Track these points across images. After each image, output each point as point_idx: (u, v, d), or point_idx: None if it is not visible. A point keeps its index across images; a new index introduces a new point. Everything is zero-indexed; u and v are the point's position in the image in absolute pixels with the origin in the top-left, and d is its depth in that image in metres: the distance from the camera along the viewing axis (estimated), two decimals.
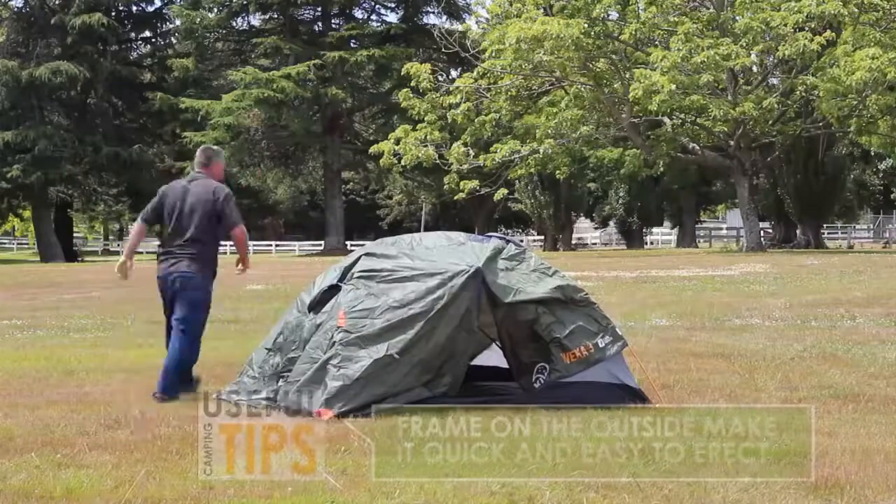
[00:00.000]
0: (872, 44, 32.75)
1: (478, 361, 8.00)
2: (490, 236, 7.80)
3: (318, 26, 54.34)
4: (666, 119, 36.46)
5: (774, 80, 38.85)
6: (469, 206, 52.65)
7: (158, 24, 56.56)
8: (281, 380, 7.62)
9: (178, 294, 8.05)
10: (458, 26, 48.43)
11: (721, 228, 68.55)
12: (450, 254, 7.53)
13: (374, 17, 55.45)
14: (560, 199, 53.91)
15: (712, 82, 34.15)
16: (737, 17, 34.72)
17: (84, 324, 15.08)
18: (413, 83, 37.12)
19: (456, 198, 39.78)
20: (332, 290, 7.71)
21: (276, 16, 54.42)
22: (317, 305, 7.71)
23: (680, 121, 37.61)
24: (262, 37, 51.76)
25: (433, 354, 7.05)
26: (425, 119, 37.53)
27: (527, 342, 7.36)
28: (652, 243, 65.08)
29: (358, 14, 55.18)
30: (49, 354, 11.15)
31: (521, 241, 9.00)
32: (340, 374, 7.01)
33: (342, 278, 7.68)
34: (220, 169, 8.56)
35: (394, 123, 43.71)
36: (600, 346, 7.24)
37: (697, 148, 38.22)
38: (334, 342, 7.21)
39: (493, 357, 8.73)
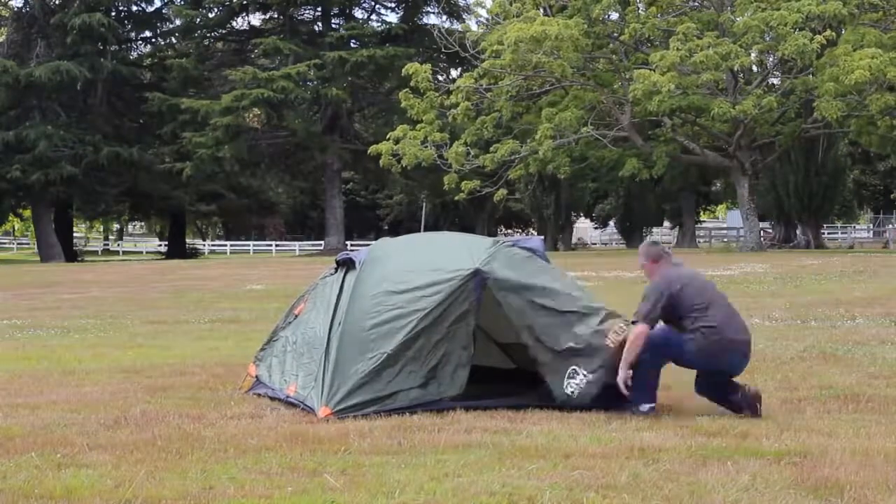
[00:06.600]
0: (872, 44, 32.74)
1: (478, 361, 8.01)
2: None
3: (318, 26, 54.28)
4: (666, 119, 36.46)
5: (774, 80, 38.84)
6: (469, 206, 52.63)
7: (158, 24, 56.47)
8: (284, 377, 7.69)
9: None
10: (458, 26, 48.40)
11: (721, 228, 68.53)
12: (453, 254, 7.55)
13: (374, 17, 55.49)
14: (560, 199, 53.92)
15: (712, 82, 34.15)
16: (736, 19, 34.70)
17: (84, 324, 15.08)
18: (413, 83, 37.14)
19: (456, 198, 39.76)
20: (331, 290, 7.75)
21: (275, 16, 54.38)
22: (316, 306, 7.74)
23: (680, 121, 37.60)
24: (262, 37, 51.69)
25: (428, 352, 7.04)
26: (424, 119, 37.55)
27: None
28: None
29: (358, 14, 55.19)
30: (49, 354, 11.16)
31: None
32: (340, 373, 7.01)
33: (344, 276, 7.72)
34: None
35: (394, 123, 43.66)
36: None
37: (697, 148, 38.21)
38: (332, 341, 7.22)
39: (493, 357, 8.75)
